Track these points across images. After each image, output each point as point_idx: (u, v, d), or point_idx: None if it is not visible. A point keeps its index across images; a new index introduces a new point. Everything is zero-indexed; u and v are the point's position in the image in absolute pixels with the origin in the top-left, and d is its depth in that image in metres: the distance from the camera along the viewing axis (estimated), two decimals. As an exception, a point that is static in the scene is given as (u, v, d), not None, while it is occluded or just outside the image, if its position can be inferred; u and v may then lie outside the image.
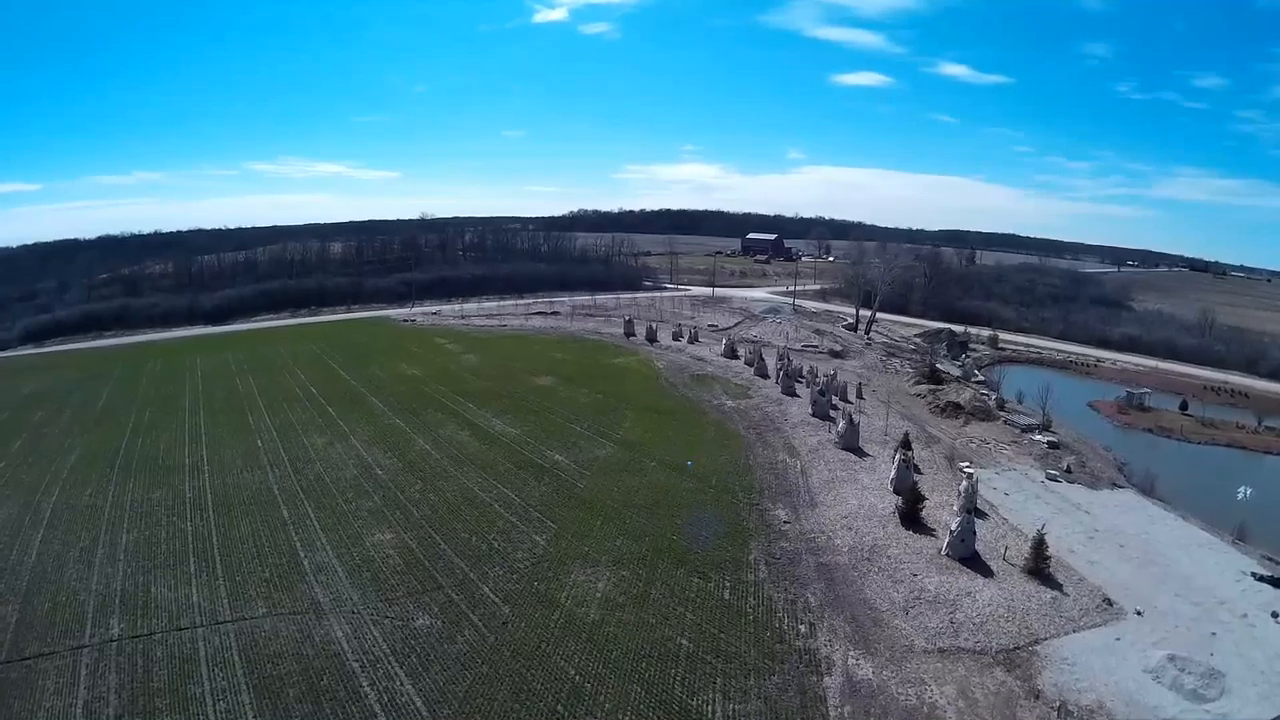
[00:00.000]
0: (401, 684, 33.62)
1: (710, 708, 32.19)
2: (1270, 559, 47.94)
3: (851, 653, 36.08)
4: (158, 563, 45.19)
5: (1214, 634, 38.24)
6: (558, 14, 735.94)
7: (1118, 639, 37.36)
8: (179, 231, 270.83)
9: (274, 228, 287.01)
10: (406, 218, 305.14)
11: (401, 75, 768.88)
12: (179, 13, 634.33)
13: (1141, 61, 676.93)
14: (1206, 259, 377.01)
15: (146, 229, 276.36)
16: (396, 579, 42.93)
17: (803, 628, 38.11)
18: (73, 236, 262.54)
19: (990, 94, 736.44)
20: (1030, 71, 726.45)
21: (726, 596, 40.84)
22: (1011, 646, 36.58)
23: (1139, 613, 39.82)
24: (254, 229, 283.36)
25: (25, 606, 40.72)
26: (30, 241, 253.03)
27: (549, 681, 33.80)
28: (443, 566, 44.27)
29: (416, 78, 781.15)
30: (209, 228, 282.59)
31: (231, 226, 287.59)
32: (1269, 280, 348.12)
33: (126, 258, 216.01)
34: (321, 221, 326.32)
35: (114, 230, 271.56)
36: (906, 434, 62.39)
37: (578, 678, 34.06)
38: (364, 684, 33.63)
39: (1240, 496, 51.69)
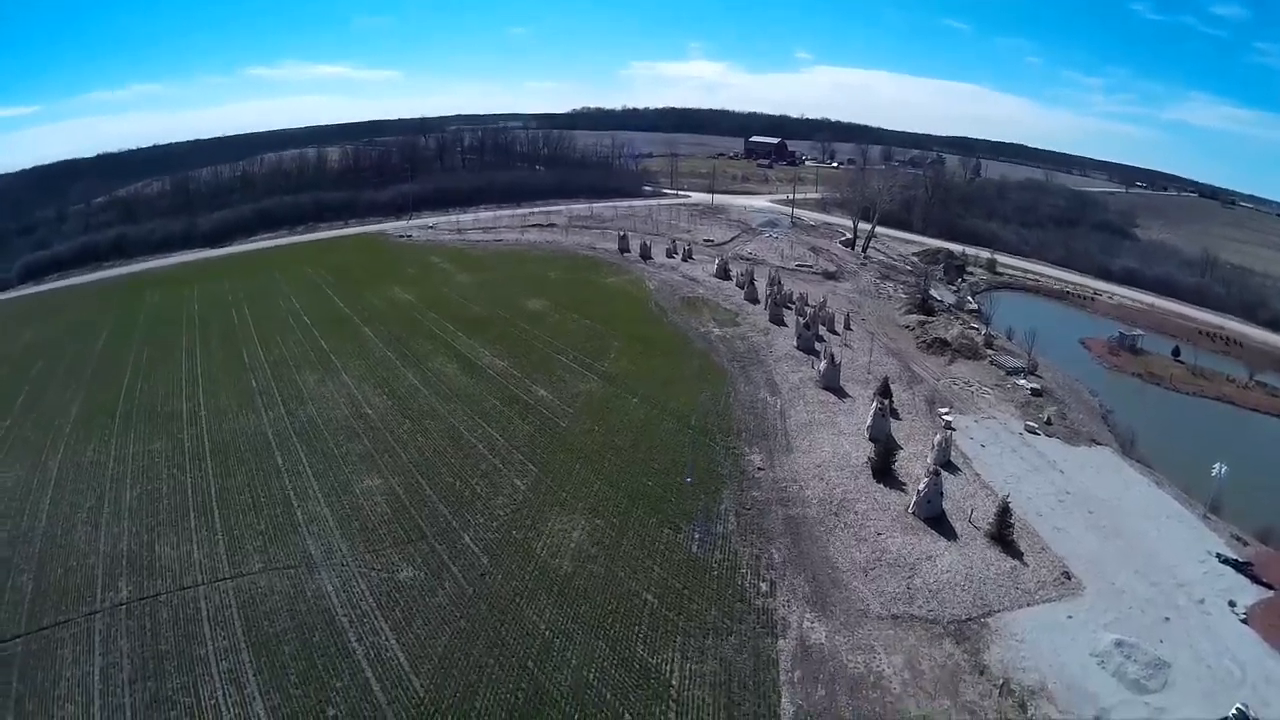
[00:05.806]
0: (386, 639, 35.27)
1: (669, 666, 33.86)
2: (1238, 538, 47.02)
3: (808, 614, 37.49)
4: (160, 519, 46.27)
5: (1167, 619, 38.28)
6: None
7: (1070, 617, 38.05)
8: (177, 143, 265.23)
9: (274, 132, 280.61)
10: (407, 117, 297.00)
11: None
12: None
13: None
14: (1216, 185, 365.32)
15: (146, 143, 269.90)
16: (384, 529, 44.08)
17: (764, 586, 39.46)
18: (72, 157, 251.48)
19: (1003, 1, 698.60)
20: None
21: (695, 550, 42.02)
22: (964, 617, 37.66)
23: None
24: (254, 134, 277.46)
25: (40, 574, 41.84)
26: (30, 166, 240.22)
27: (521, 636, 35.38)
28: (427, 514, 45.39)
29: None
30: (207, 138, 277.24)
31: (231, 134, 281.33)
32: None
33: (125, 177, 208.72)
34: (322, 124, 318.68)
35: (113, 148, 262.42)
36: (886, 379, 62.20)
37: (548, 633, 35.61)
38: (352, 640, 35.31)
39: (1215, 473, 51.24)
